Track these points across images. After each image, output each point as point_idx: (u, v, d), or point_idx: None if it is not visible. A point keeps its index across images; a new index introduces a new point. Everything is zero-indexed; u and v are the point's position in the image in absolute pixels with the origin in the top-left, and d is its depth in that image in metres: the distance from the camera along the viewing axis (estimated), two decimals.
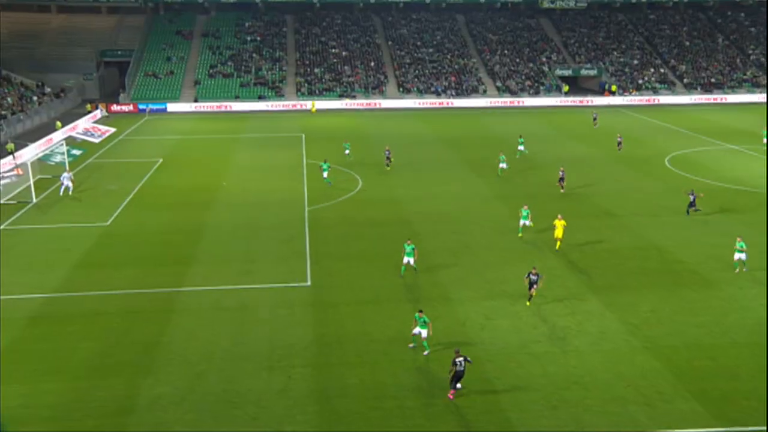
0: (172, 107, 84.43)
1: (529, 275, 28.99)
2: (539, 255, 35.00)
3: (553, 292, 30.54)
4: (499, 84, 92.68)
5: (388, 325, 27.58)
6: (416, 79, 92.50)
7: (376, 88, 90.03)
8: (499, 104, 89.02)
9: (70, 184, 45.97)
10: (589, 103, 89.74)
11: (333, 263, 34.12)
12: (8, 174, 46.31)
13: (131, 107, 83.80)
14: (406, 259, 31.58)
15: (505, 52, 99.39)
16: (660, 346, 25.93)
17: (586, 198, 45.17)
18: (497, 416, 21.71)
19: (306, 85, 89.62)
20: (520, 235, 37.42)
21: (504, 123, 75.54)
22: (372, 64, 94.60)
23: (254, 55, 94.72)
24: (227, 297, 30.42)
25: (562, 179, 45.88)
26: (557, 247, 35.24)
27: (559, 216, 35.35)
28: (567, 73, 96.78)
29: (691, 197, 40.56)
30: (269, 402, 22.44)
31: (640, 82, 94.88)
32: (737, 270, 32.22)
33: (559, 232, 34.97)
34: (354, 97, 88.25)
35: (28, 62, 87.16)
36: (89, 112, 77.96)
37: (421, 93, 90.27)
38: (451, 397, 22.54)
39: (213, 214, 42.17)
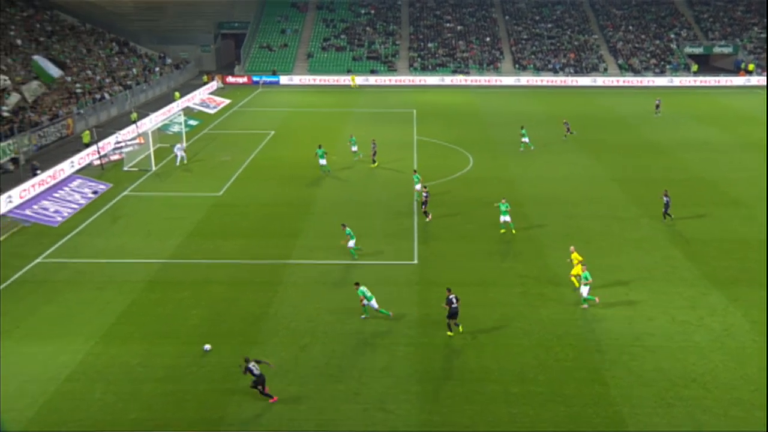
0: (284, 80, 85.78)
1: (448, 300, 24.57)
2: (660, 243, 33.27)
3: (672, 284, 29.00)
4: (621, 62, 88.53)
5: (494, 308, 27.04)
6: (533, 56, 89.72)
7: (491, 65, 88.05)
8: (621, 84, 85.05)
9: (184, 155, 47.93)
10: (723, 83, 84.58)
11: (440, 243, 33.69)
12: (131, 142, 48.55)
13: (245, 79, 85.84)
14: (351, 243, 31.54)
15: (630, 27, 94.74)
16: None
17: (712, 185, 42.38)
18: (606, 409, 20.95)
19: (419, 60, 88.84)
20: (502, 231, 34.54)
21: (623, 103, 72.30)
22: (487, 39, 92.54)
23: (368, 28, 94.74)
24: (333, 272, 30.64)
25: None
26: (577, 285, 28.13)
27: (572, 248, 29.61)
28: (698, 50, 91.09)
29: (665, 200, 35.42)
30: (371, 379, 22.49)
31: None
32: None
33: (578, 269, 27.94)
34: (467, 74, 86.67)
35: (151, 34, 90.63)
36: (206, 83, 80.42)
37: (538, 70, 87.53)
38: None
39: (322, 188, 42.59)
